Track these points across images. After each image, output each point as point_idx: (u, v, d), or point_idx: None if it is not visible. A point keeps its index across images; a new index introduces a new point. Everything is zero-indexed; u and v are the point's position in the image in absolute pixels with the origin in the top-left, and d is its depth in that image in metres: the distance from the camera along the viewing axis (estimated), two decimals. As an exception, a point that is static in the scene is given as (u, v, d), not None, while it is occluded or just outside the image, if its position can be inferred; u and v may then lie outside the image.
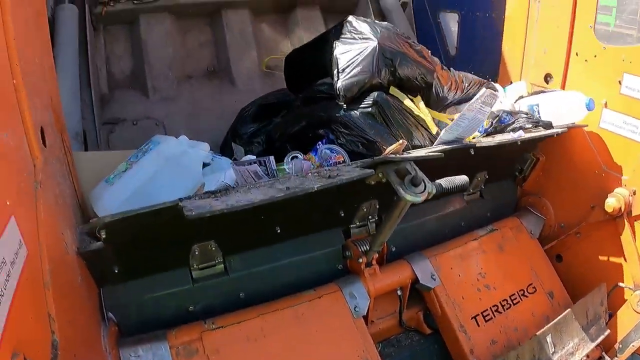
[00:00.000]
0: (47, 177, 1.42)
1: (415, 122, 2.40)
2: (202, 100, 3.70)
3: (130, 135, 3.36)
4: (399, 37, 2.48)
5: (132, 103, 3.54)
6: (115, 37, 3.68)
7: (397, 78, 2.44)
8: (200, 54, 3.92)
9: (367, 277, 2.11)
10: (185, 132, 3.29)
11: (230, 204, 1.47)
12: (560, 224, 2.75)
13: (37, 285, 1.19)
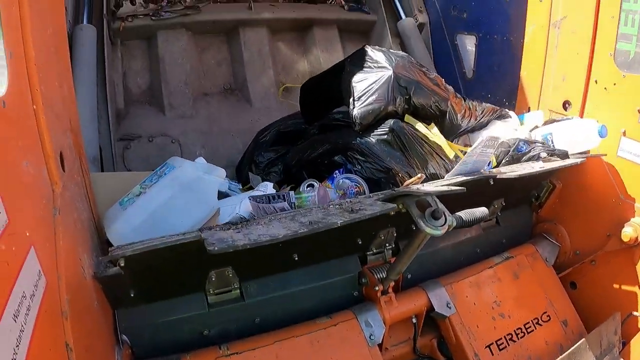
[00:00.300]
0: (66, 202, 1.42)
1: (431, 150, 2.40)
2: (218, 118, 3.71)
3: (145, 151, 3.37)
4: (414, 66, 2.54)
5: (148, 119, 3.55)
6: (132, 52, 3.70)
7: (412, 106, 2.49)
8: (217, 71, 3.93)
9: (383, 305, 2.10)
10: (201, 150, 3.41)
11: (252, 238, 1.47)
12: (575, 251, 2.73)
13: (56, 315, 1.19)
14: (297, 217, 1.63)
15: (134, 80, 3.68)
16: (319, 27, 4.22)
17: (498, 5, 3.44)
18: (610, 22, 2.47)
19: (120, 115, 3.50)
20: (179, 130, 3.55)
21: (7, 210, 0.96)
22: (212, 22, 3.90)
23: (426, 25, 4.21)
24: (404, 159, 2.34)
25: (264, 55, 3.97)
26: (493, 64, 3.54)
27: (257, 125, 3.46)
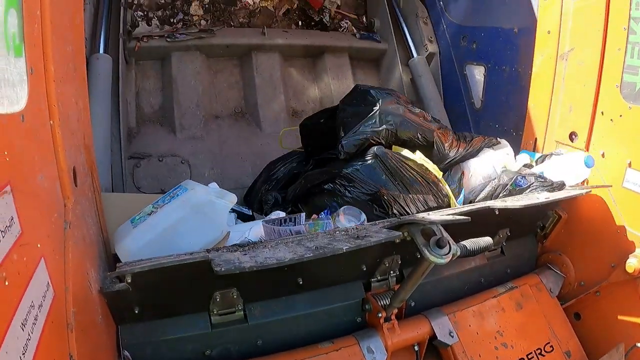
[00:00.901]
0: (77, 217, 1.45)
1: (416, 172, 2.52)
2: (228, 141, 3.75)
3: (155, 171, 3.41)
4: (400, 102, 2.73)
5: (159, 139, 3.60)
6: (146, 72, 3.77)
7: (400, 139, 2.66)
8: (228, 94, 3.98)
9: (386, 331, 2.09)
10: (210, 171, 3.46)
11: (259, 261, 1.48)
12: (580, 282, 2.72)
13: (61, 326, 1.21)
14: (304, 241, 1.65)
15: (146, 100, 3.74)
16: (331, 54, 4.29)
17: (507, 37, 3.49)
18: (616, 54, 2.50)
19: (131, 133, 3.55)
20: (189, 151, 3.59)
21: (21, 221, 0.99)
22: (225, 46, 3.96)
23: (436, 55, 4.27)
24: (389, 181, 2.46)
25: (276, 80, 4.02)
26: (501, 95, 3.57)
27: (266, 149, 3.56)
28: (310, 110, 4.18)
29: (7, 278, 0.90)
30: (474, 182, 2.82)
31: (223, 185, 3.13)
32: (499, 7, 3.60)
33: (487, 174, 2.80)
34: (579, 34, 2.70)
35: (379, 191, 2.43)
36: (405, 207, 2.45)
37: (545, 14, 2.89)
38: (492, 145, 2.96)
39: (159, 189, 3.32)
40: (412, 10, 4.37)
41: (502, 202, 2.15)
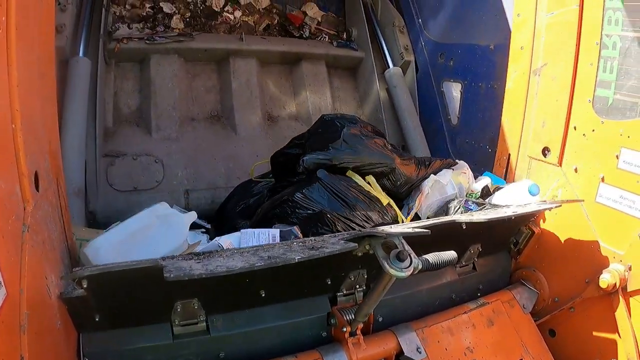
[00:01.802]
0: (37, 221, 1.44)
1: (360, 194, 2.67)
2: (202, 142, 3.78)
3: (128, 169, 3.44)
4: (364, 131, 2.90)
5: (135, 139, 3.62)
6: (125, 74, 3.81)
7: (361, 166, 2.78)
8: (205, 98, 4.03)
9: (351, 346, 2.06)
10: (183, 171, 3.51)
11: (210, 269, 1.46)
12: (554, 298, 2.71)
13: (13, 327, 1.20)
14: (259, 252, 1.63)
15: (124, 101, 3.77)
16: (307, 62, 4.36)
17: (483, 53, 3.53)
18: (589, 69, 2.52)
19: (108, 132, 3.58)
20: (164, 151, 3.62)
21: None
22: (204, 50, 4.02)
23: (412, 63, 4.32)
24: (333, 201, 2.59)
25: (252, 85, 4.08)
26: (477, 111, 3.60)
27: (240, 152, 3.65)
28: (286, 116, 4.27)
29: None
30: (431, 199, 2.90)
31: (195, 185, 3.36)
32: (476, 25, 3.64)
33: (444, 191, 2.91)
34: (551, 49, 2.72)
35: (321, 211, 2.55)
36: (350, 224, 2.55)
37: (519, 30, 2.91)
38: (450, 166, 3.10)
39: (132, 187, 3.37)
40: (389, 20, 4.45)
41: (469, 216, 2.14)
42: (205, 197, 3.56)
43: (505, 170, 2.98)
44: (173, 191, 3.51)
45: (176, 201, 3.40)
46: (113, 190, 3.36)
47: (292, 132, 4.01)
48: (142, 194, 3.43)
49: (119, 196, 3.36)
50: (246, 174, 3.59)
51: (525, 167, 2.86)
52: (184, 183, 3.55)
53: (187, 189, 3.53)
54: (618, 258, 2.39)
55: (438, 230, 1.84)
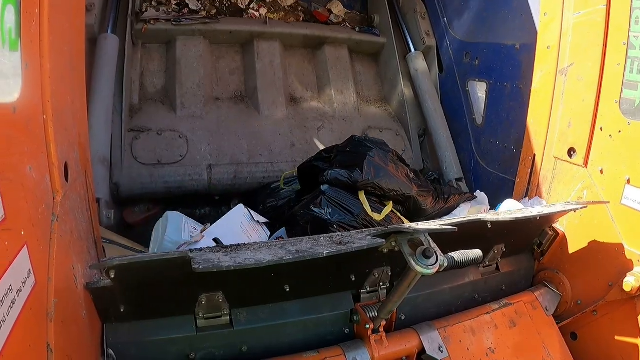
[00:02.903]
0: (65, 211, 1.47)
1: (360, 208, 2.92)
2: (226, 121, 3.85)
3: (153, 144, 3.52)
4: (388, 157, 3.09)
5: (160, 116, 3.71)
6: (151, 54, 3.92)
7: (381, 190, 2.97)
8: (229, 79, 4.11)
9: (373, 343, 2.06)
10: (206, 147, 3.62)
11: (238, 261, 1.47)
12: (577, 300, 2.67)
13: (41, 315, 1.23)
14: (287, 246, 1.64)
15: (150, 80, 3.87)
16: (330, 46, 4.41)
17: (509, 53, 3.50)
18: (616, 70, 2.48)
19: (133, 109, 3.67)
20: (188, 127, 3.69)
21: (5, 206, 1.02)
22: (229, 33, 4.11)
23: (433, 48, 4.35)
24: (337, 213, 2.89)
25: (276, 67, 4.15)
26: (502, 111, 3.56)
27: (263, 130, 3.76)
28: (308, 98, 4.32)
29: None
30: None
31: (218, 160, 3.51)
32: (501, 24, 3.62)
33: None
34: (578, 49, 2.69)
35: (325, 221, 2.84)
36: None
37: (546, 29, 2.88)
38: (469, 200, 3.28)
39: (155, 160, 3.45)
40: (411, 6, 4.50)
41: (494, 216, 2.12)
42: (228, 172, 3.61)
43: (530, 170, 2.96)
44: (196, 166, 3.57)
45: (199, 175, 3.50)
46: (137, 164, 3.43)
47: (314, 113, 4.17)
48: (166, 167, 3.49)
49: (142, 169, 3.43)
50: (268, 151, 3.74)
51: (550, 168, 2.83)
52: (207, 158, 3.61)
53: (210, 163, 3.59)
54: None
55: (463, 230, 1.83)
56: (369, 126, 4.28)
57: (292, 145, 3.90)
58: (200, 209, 3.71)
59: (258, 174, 3.68)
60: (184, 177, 3.49)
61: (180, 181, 3.48)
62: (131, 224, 3.46)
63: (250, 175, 3.66)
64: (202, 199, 3.70)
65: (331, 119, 4.19)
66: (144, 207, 3.53)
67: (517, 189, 3.07)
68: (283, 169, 3.73)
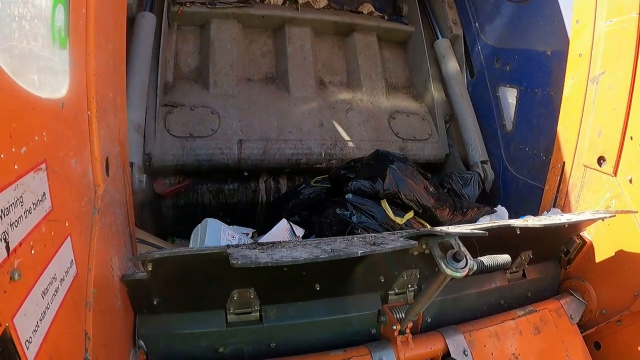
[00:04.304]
0: (106, 205, 1.53)
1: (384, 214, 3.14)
2: (257, 100, 3.94)
3: (186, 118, 3.62)
4: (408, 170, 3.32)
5: (193, 93, 3.81)
6: (186, 36, 4.04)
7: (400, 200, 3.20)
8: (261, 62, 4.22)
9: (399, 344, 2.08)
10: (237, 123, 3.74)
11: (275, 258, 1.50)
12: (602, 310, 2.66)
13: (80, 304, 1.28)
14: (321, 244, 1.67)
15: (184, 60, 4.00)
16: (360, 33, 4.50)
17: (540, 60, 3.48)
18: None
19: (167, 86, 3.79)
20: (220, 104, 3.79)
21: (52, 198, 1.07)
22: (261, 17, 4.21)
23: (460, 37, 4.40)
24: (364, 218, 3.11)
25: (306, 51, 4.24)
26: (533, 118, 3.55)
27: (292, 109, 3.88)
28: (337, 82, 4.41)
29: (33, 247, 0.96)
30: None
31: (249, 136, 3.65)
32: (533, 30, 3.60)
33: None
34: (610, 57, 2.67)
35: (350, 224, 3.06)
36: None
37: (578, 37, 2.87)
38: (488, 213, 3.38)
39: (188, 134, 3.55)
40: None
41: (523, 222, 2.13)
42: (258, 147, 3.68)
43: (559, 178, 2.95)
44: (227, 140, 3.65)
45: (229, 149, 3.60)
46: (170, 136, 3.52)
47: (342, 96, 4.26)
48: (197, 140, 3.57)
49: (175, 141, 3.52)
50: (297, 129, 3.85)
51: (579, 176, 2.82)
52: (238, 133, 3.69)
53: (241, 139, 3.67)
54: None
55: (492, 235, 1.85)
56: (396, 110, 4.34)
57: (321, 124, 3.97)
58: (229, 184, 3.79)
59: (287, 150, 3.76)
60: (215, 150, 3.58)
61: (211, 154, 3.56)
62: (161, 195, 3.56)
63: (280, 152, 3.74)
64: (232, 174, 3.78)
65: (359, 102, 4.26)
66: (174, 179, 3.61)
67: (545, 196, 3.06)
68: (311, 147, 3.83)
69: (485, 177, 3.88)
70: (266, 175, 3.88)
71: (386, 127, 4.18)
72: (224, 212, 3.72)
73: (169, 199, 3.61)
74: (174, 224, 3.72)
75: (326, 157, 3.87)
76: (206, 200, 3.74)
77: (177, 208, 3.67)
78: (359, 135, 4.03)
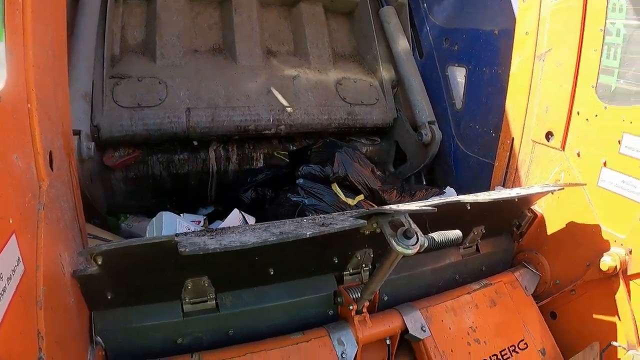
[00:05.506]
0: (51, 199, 1.48)
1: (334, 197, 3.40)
2: (204, 69, 3.93)
3: (133, 89, 3.59)
4: (356, 156, 3.66)
5: (140, 65, 3.78)
6: (132, 10, 3.97)
7: (348, 180, 3.49)
8: (208, 33, 4.19)
9: (357, 324, 2.11)
10: (185, 92, 3.73)
11: (224, 244, 1.49)
12: (555, 280, 2.75)
13: (30, 302, 1.24)
14: (271, 228, 1.66)
15: (131, 33, 3.93)
16: (306, 3, 4.48)
17: (488, 39, 3.54)
18: (593, 55, 2.54)
19: (115, 59, 3.74)
20: (167, 75, 3.76)
21: None
22: None
23: (405, 6, 4.45)
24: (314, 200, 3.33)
25: (253, 20, 4.22)
26: (481, 96, 3.61)
27: (240, 77, 3.91)
28: (285, 52, 4.42)
29: None
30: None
31: (197, 104, 3.68)
32: (480, 9, 3.65)
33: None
34: (556, 35, 2.73)
35: (300, 207, 3.23)
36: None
37: (524, 15, 2.92)
38: (437, 194, 3.56)
39: (135, 104, 3.54)
40: None
41: (474, 197, 2.17)
42: (206, 115, 3.69)
43: (508, 154, 3.01)
44: (175, 109, 3.64)
45: (177, 118, 3.61)
46: (118, 107, 3.49)
47: (289, 64, 4.27)
48: (145, 110, 3.55)
49: (123, 112, 3.49)
50: (245, 96, 3.88)
51: (528, 152, 2.88)
52: (186, 102, 3.68)
53: (189, 107, 3.67)
54: (619, 242, 2.42)
55: (443, 212, 1.88)
56: (344, 77, 4.37)
57: (268, 91, 3.99)
58: (179, 154, 3.78)
59: (235, 117, 3.78)
60: (163, 119, 3.56)
61: (160, 123, 3.55)
62: (111, 167, 3.54)
63: (228, 119, 3.75)
64: (181, 143, 3.78)
65: (306, 70, 4.28)
66: (124, 151, 3.58)
67: (496, 172, 3.13)
68: (260, 113, 3.86)
69: (434, 138, 3.97)
70: (216, 143, 3.89)
71: (334, 93, 4.22)
72: (175, 183, 3.78)
73: (119, 171, 3.60)
74: (125, 198, 3.71)
75: (274, 123, 3.89)
76: (157, 172, 3.73)
77: (128, 181, 3.65)
78: (306, 101, 4.06)
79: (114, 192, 3.67)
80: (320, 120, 4.05)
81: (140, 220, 3.52)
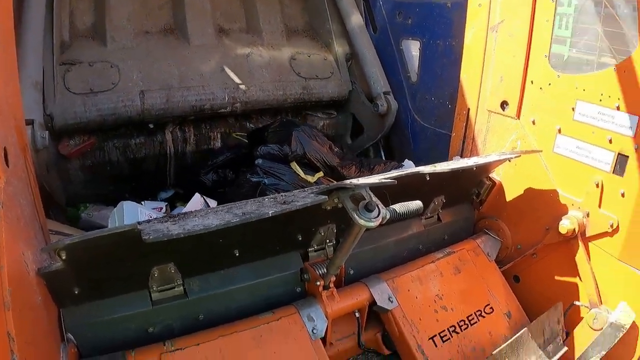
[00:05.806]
0: (9, 197, 1.44)
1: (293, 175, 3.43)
2: (156, 50, 3.85)
3: (85, 74, 3.51)
4: (313, 133, 3.73)
5: (91, 50, 3.68)
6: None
7: (307, 158, 3.54)
8: (158, 14, 4.07)
9: (325, 299, 2.14)
10: (138, 75, 3.67)
11: (187, 228, 1.49)
12: (517, 245, 2.83)
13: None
14: (233, 209, 1.67)
15: (80, 18, 3.80)
16: None
17: (441, 12, 3.56)
18: (545, 26, 2.59)
19: (64, 46, 3.63)
20: (119, 58, 3.69)
21: None
22: None
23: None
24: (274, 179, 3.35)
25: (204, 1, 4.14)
26: (436, 68, 3.66)
27: (193, 57, 3.85)
28: (237, 29, 4.35)
29: None
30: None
31: (150, 86, 3.62)
32: (433, -18, 3.66)
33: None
34: (508, 6, 2.78)
35: (260, 186, 3.26)
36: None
37: (476, -13, 2.95)
38: (395, 168, 3.58)
39: (88, 90, 3.47)
40: None
41: (432, 168, 2.21)
42: (160, 96, 3.65)
43: (465, 124, 3.07)
44: (129, 92, 3.58)
45: (132, 101, 3.56)
46: (70, 94, 3.42)
47: (242, 42, 4.22)
48: (99, 95, 3.49)
49: (75, 99, 3.42)
50: (199, 76, 3.84)
51: (484, 121, 2.94)
52: (139, 85, 3.63)
53: (142, 89, 3.62)
54: (576, 205, 2.50)
55: (403, 183, 1.90)
56: (297, 52, 4.35)
57: (222, 70, 3.96)
58: (135, 138, 3.73)
59: (190, 97, 3.74)
60: (117, 103, 3.51)
61: (114, 108, 3.49)
62: (67, 156, 3.47)
63: (183, 99, 3.72)
64: (137, 127, 3.74)
65: (260, 47, 4.25)
66: (79, 139, 3.52)
67: (453, 143, 3.19)
68: (214, 92, 3.83)
69: (389, 108, 4.00)
70: (172, 125, 3.84)
71: (288, 68, 4.20)
72: (133, 168, 3.73)
73: (75, 159, 3.53)
74: (84, 187, 3.65)
75: (230, 101, 3.87)
76: (114, 158, 3.67)
77: (85, 169, 3.59)
78: (261, 78, 4.04)
79: (71, 182, 3.60)
80: (275, 96, 4.03)
81: (100, 209, 3.46)
